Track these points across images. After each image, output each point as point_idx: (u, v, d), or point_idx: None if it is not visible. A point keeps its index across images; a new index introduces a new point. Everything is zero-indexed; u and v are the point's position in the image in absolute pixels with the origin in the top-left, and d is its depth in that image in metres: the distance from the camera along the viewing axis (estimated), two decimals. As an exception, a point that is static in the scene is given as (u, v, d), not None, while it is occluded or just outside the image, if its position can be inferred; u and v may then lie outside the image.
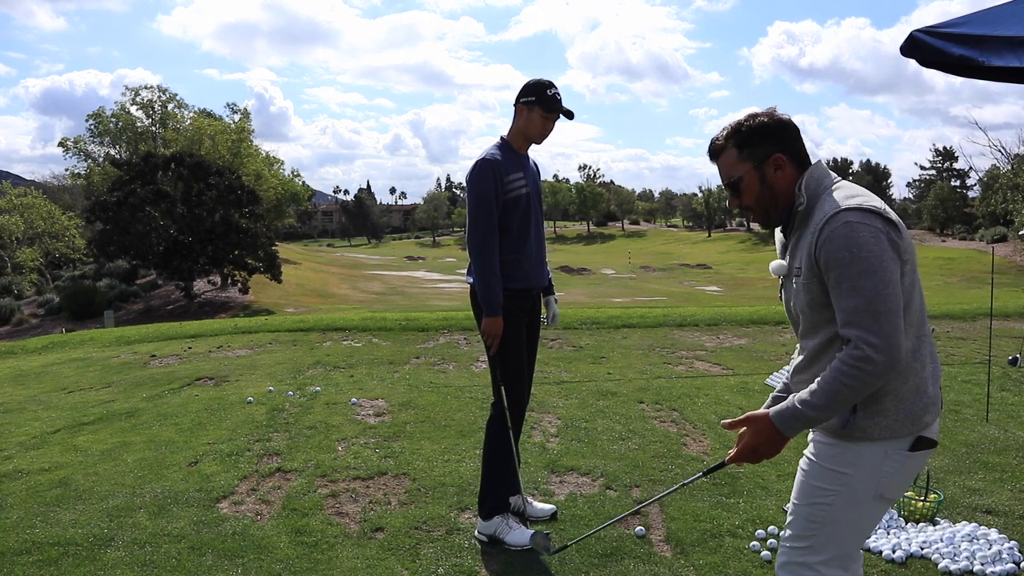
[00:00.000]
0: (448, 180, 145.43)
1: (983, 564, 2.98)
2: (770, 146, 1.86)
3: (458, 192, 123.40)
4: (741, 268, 50.70)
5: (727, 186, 1.93)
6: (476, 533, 3.34)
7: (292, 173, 58.90)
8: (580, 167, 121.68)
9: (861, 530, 1.88)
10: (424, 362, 7.32)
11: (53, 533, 3.36)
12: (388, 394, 5.90)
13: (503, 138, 3.33)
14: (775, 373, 6.34)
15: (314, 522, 3.48)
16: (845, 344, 1.72)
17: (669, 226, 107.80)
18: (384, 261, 65.77)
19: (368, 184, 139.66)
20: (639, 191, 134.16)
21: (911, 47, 3.22)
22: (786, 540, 1.92)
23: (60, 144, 46.51)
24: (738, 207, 1.95)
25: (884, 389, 1.77)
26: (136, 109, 46.90)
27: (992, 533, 3.22)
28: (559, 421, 5.10)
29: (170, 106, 47.91)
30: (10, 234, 38.68)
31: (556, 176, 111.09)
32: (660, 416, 5.22)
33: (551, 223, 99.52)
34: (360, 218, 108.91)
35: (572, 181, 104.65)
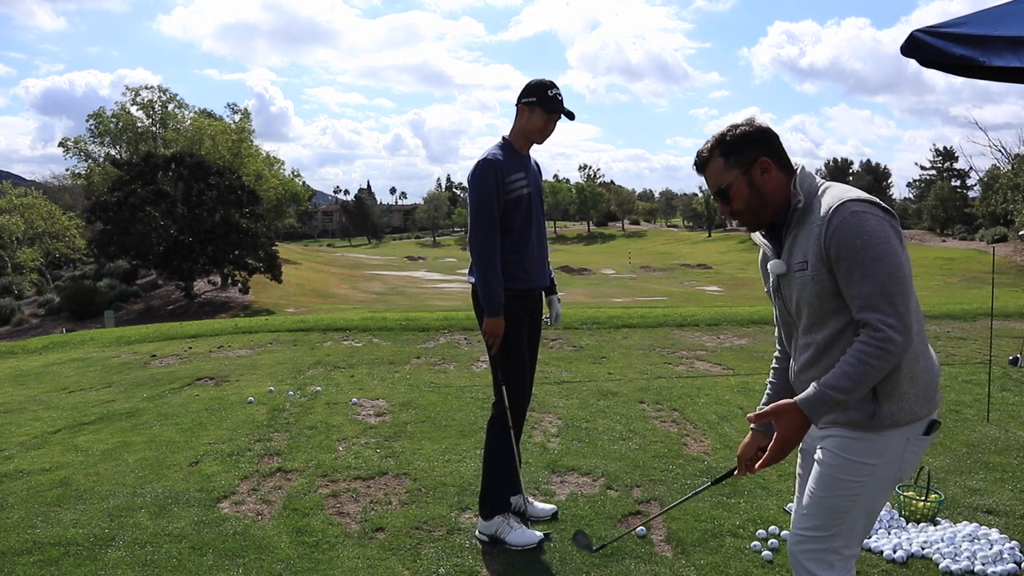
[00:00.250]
0: (448, 180, 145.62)
1: (984, 564, 2.99)
2: (755, 150, 1.93)
3: (458, 192, 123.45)
4: (741, 268, 50.66)
5: (716, 194, 2.00)
6: (477, 533, 3.34)
7: (292, 173, 59.04)
8: (580, 167, 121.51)
9: (877, 512, 1.97)
10: (425, 362, 7.32)
11: (54, 533, 3.37)
12: (389, 394, 5.90)
13: (505, 138, 3.33)
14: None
15: (315, 522, 3.48)
16: (862, 328, 1.78)
17: (669, 226, 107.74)
18: (384, 261, 65.75)
19: (368, 184, 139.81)
20: (639, 191, 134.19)
21: (911, 47, 3.22)
22: (807, 530, 1.94)
23: (60, 144, 46.58)
24: (728, 214, 2.01)
25: (900, 373, 1.84)
26: (136, 109, 46.98)
27: (993, 533, 3.22)
28: (560, 421, 5.10)
29: (170, 106, 47.97)
30: (10, 234, 38.71)
31: (556, 176, 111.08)
32: (661, 416, 5.22)
33: (551, 223, 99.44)
34: (360, 218, 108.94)
35: (572, 181, 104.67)
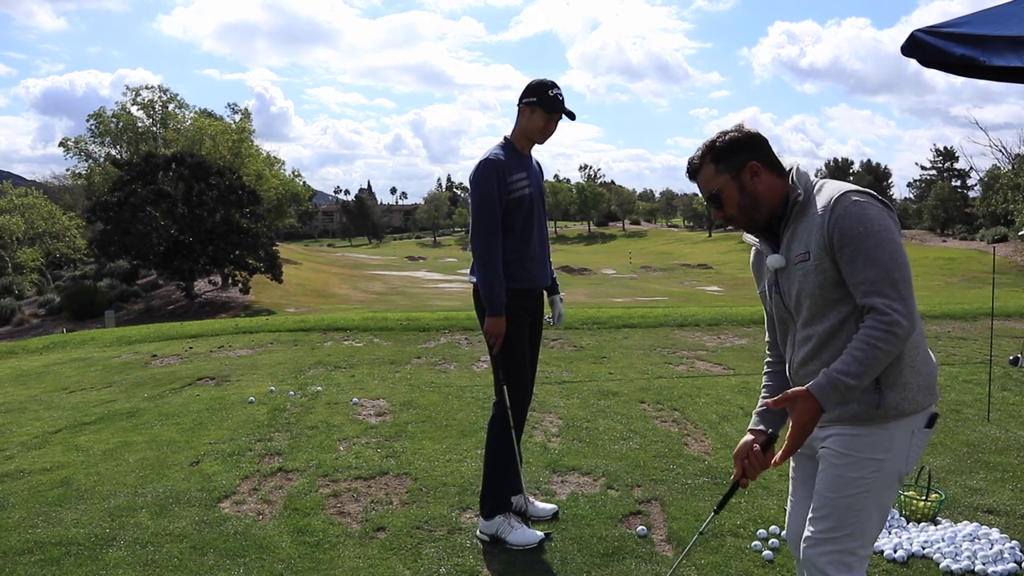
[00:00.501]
0: (449, 180, 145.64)
1: (984, 564, 2.99)
2: (744, 155, 1.97)
3: (459, 192, 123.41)
4: (742, 268, 50.59)
5: (709, 200, 2.03)
6: (478, 533, 3.34)
7: (293, 173, 58.93)
8: (581, 167, 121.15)
9: (888, 508, 1.98)
10: (425, 362, 7.33)
11: (55, 533, 3.37)
12: (389, 394, 5.90)
13: (506, 138, 3.33)
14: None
15: (316, 522, 3.49)
16: (868, 313, 1.80)
17: (670, 226, 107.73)
18: (385, 261, 65.76)
19: (369, 184, 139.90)
20: (640, 191, 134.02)
21: (912, 47, 3.22)
22: (822, 533, 1.93)
23: (61, 144, 46.61)
24: (722, 218, 2.03)
25: (903, 362, 1.86)
26: (137, 109, 47.02)
27: (993, 533, 3.22)
28: (560, 421, 5.10)
29: (171, 106, 48.01)
30: (11, 234, 38.72)
31: (557, 176, 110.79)
32: (661, 416, 5.22)
33: (552, 223, 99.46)
34: (361, 218, 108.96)
35: (573, 181, 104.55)
